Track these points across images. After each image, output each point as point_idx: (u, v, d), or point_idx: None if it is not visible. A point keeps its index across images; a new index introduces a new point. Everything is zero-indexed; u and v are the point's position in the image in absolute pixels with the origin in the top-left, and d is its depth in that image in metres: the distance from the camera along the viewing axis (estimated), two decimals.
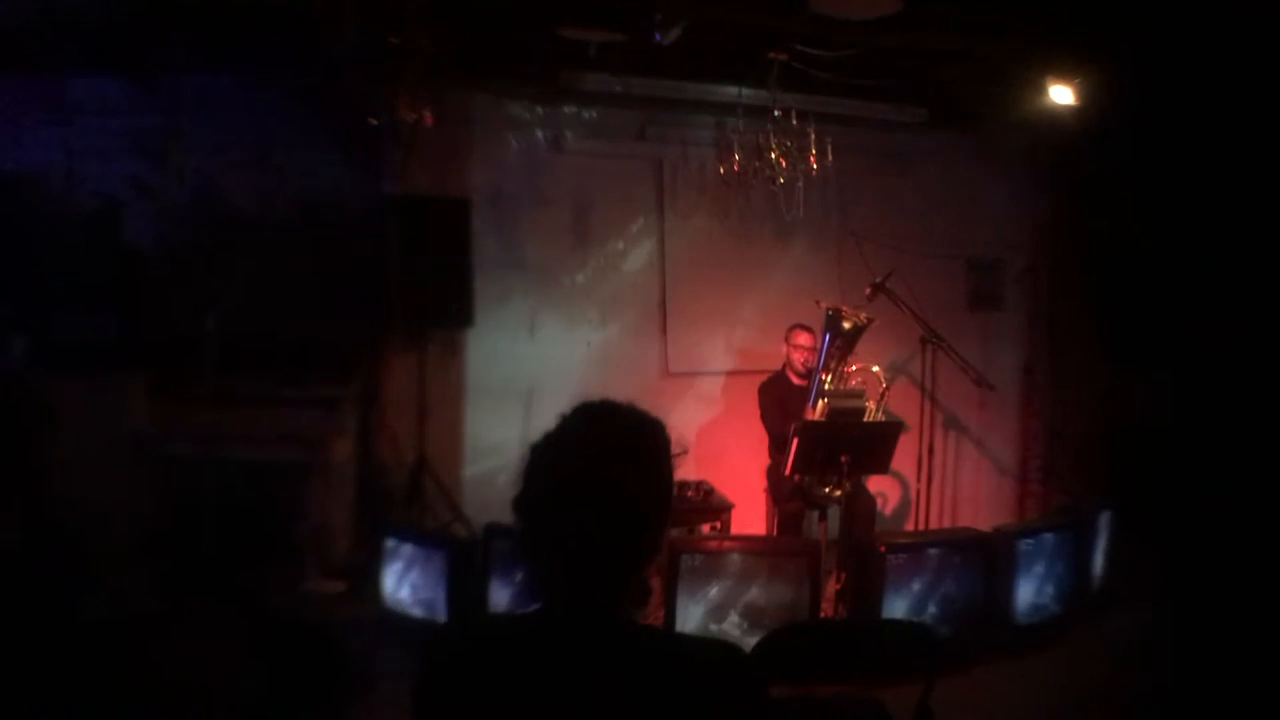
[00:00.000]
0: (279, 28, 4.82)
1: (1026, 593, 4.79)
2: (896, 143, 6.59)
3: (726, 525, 5.38)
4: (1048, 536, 4.92)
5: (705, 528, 5.38)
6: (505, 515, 1.51)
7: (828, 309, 5.52)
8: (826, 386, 5.43)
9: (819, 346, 5.54)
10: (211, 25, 4.95)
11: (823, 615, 4.69)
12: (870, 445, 5.10)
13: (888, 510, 6.45)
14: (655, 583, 4.54)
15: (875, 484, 5.79)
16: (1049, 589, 4.86)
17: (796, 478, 5.21)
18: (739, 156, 5.48)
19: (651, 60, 5.54)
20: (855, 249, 6.55)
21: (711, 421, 6.36)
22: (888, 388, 5.53)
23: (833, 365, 5.44)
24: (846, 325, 5.40)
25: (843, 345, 5.43)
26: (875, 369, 5.54)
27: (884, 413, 5.47)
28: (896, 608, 4.53)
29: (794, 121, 5.41)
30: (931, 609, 4.57)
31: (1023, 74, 5.38)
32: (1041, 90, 5.36)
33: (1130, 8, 4.51)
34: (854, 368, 5.50)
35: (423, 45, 4.90)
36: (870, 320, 5.45)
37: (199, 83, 5.72)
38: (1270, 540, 5.36)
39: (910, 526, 6.19)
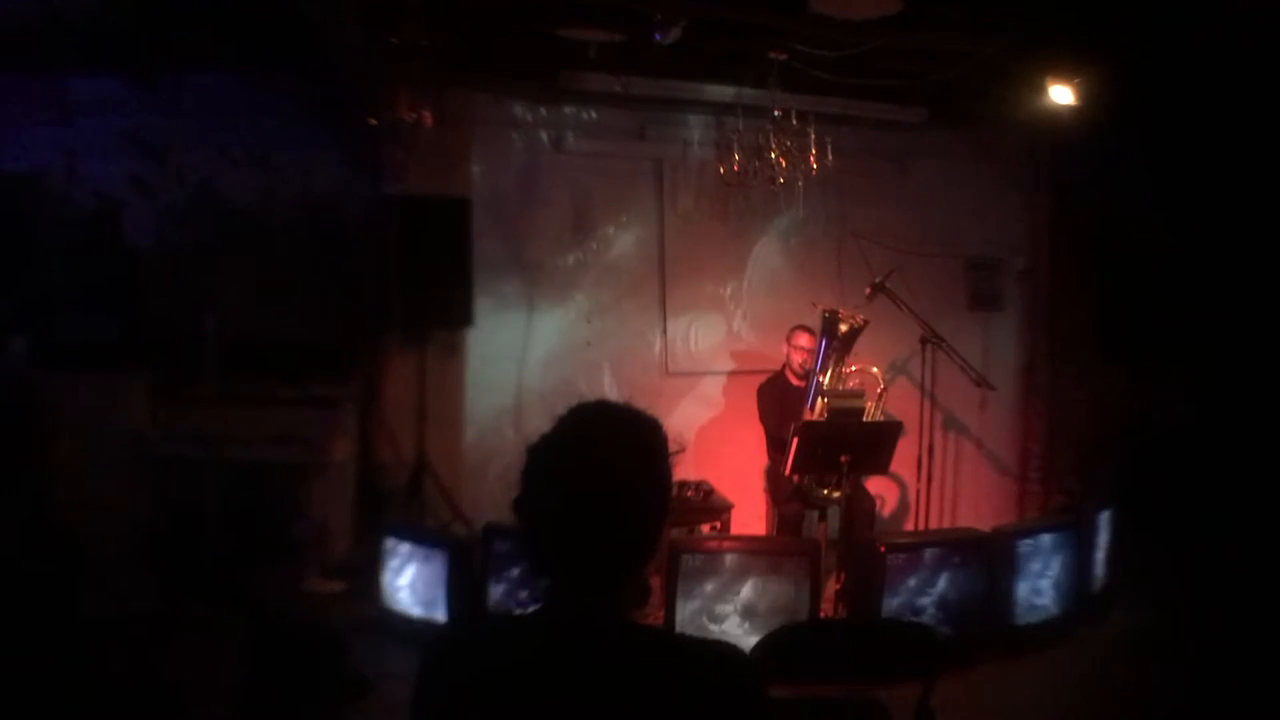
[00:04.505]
0: (279, 28, 4.82)
1: (1026, 593, 4.79)
2: (896, 143, 6.59)
3: (726, 525, 5.38)
4: (1048, 536, 4.92)
5: (705, 528, 5.38)
6: (505, 515, 1.52)
7: (824, 311, 5.51)
8: (825, 387, 5.43)
9: (818, 348, 5.53)
10: (211, 25, 4.95)
11: (823, 615, 4.69)
12: (870, 445, 5.10)
13: (888, 510, 6.45)
14: (655, 583, 4.54)
15: (875, 484, 5.78)
16: (1049, 589, 4.86)
17: (796, 478, 5.21)
18: (739, 156, 5.48)
19: (651, 60, 5.54)
20: (855, 249, 6.55)
21: (711, 421, 6.36)
22: (885, 388, 5.53)
23: (830, 367, 5.44)
24: (843, 328, 5.40)
25: (839, 347, 5.43)
26: (874, 370, 5.54)
27: (882, 413, 5.46)
28: (896, 608, 4.53)
29: (794, 121, 5.41)
30: (931, 609, 4.57)
31: (1023, 74, 5.38)
32: (1041, 90, 5.36)
33: (1130, 8, 4.51)
34: (853, 368, 5.50)
35: (423, 45, 4.90)
36: (866, 322, 5.44)
37: (199, 83, 5.72)
38: (1271, 539, 5.36)
39: (910, 527, 6.19)
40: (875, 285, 5.60)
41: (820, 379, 5.43)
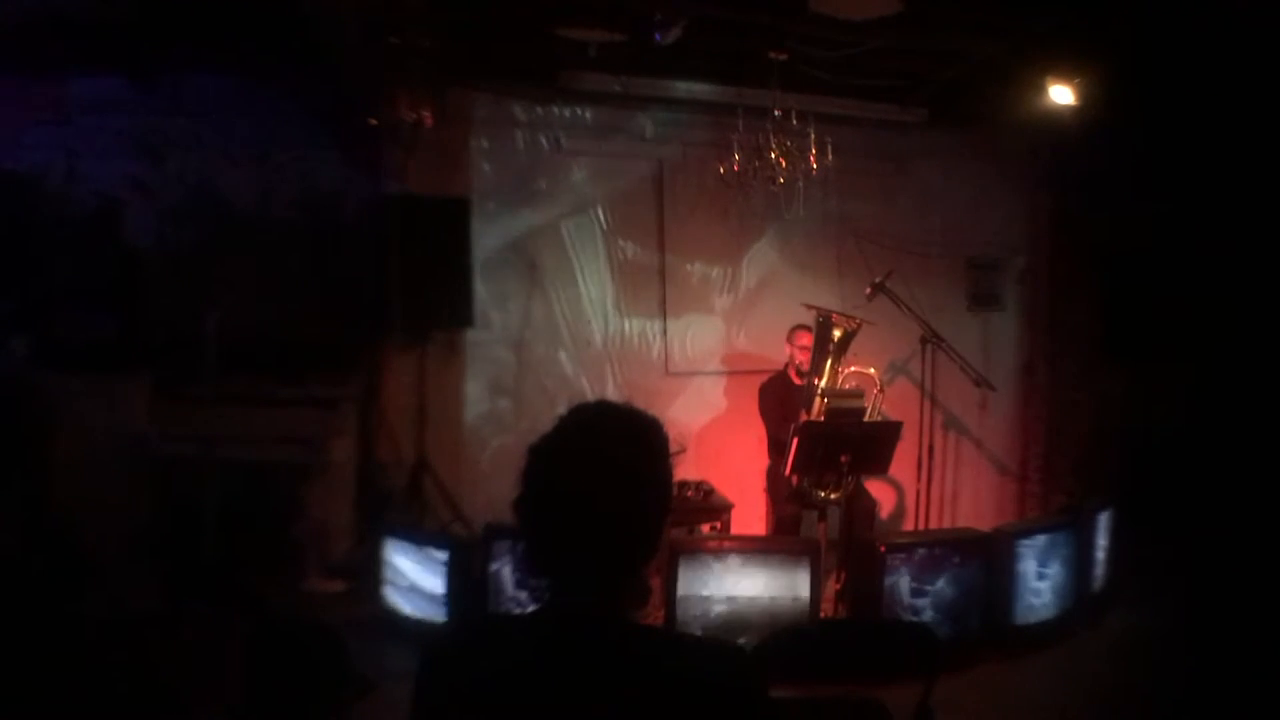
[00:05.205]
0: (279, 28, 4.82)
1: (1026, 593, 4.79)
2: (896, 143, 6.59)
3: (726, 525, 5.38)
4: (1048, 536, 4.92)
5: (705, 528, 5.38)
6: (505, 515, 1.51)
7: (818, 316, 5.49)
8: (822, 388, 5.39)
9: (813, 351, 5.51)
10: (211, 25, 4.95)
11: (823, 615, 4.69)
12: (870, 445, 5.10)
13: (888, 510, 6.44)
14: (655, 583, 4.54)
15: (875, 484, 5.78)
16: (1049, 589, 4.86)
17: (795, 479, 5.20)
18: (739, 156, 5.48)
19: (651, 60, 5.54)
20: (855, 249, 6.54)
21: (711, 421, 6.35)
22: (882, 390, 5.52)
23: (825, 369, 5.40)
24: (837, 333, 5.37)
25: (834, 351, 5.39)
26: (870, 371, 5.52)
27: (880, 415, 5.45)
28: (896, 608, 4.53)
29: (794, 121, 5.41)
30: (931, 609, 4.58)
31: (1023, 74, 5.38)
32: (1041, 90, 5.36)
33: (1130, 8, 4.51)
34: (851, 369, 5.48)
35: (423, 45, 4.90)
36: (859, 325, 5.39)
37: (199, 83, 5.72)
38: (1271, 539, 5.36)
39: (910, 527, 6.19)
40: (875, 285, 5.59)
41: (816, 381, 5.41)
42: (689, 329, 6.40)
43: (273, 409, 5.35)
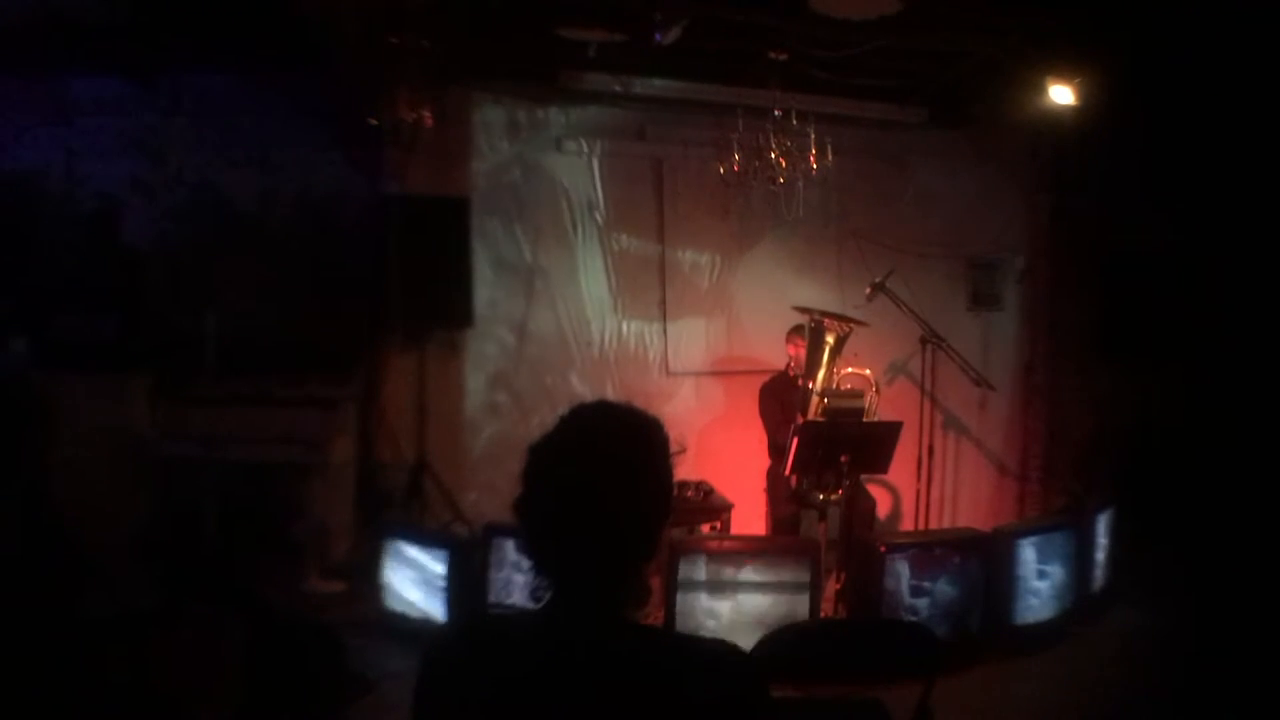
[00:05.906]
0: (279, 28, 4.82)
1: (1026, 593, 4.79)
2: (896, 143, 6.59)
3: (726, 525, 5.38)
4: (1048, 536, 4.92)
5: (705, 528, 5.38)
6: (505, 515, 1.52)
7: (810, 321, 5.47)
8: (818, 389, 5.38)
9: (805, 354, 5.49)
10: (211, 25, 4.95)
11: (823, 615, 4.69)
12: (870, 445, 5.10)
13: (887, 509, 6.44)
14: (655, 583, 4.54)
15: (874, 483, 5.78)
16: (1049, 589, 4.86)
17: (794, 480, 5.21)
18: (739, 156, 5.48)
19: (651, 60, 5.54)
20: (855, 249, 6.54)
21: (711, 421, 6.35)
22: (878, 391, 5.52)
23: (818, 372, 5.38)
24: (830, 338, 5.36)
25: (829, 353, 5.38)
26: (866, 372, 5.52)
27: (877, 417, 5.44)
28: (895, 608, 4.53)
29: (794, 121, 5.41)
30: (930, 609, 4.58)
31: (1023, 74, 5.38)
32: (1041, 90, 5.36)
33: (1130, 7, 4.52)
34: (848, 369, 5.48)
35: (423, 45, 4.90)
36: (851, 328, 5.37)
37: (199, 83, 5.73)
38: (1271, 538, 5.36)
39: (909, 527, 6.19)
40: (875, 285, 5.59)
41: (810, 384, 5.40)
42: (688, 329, 6.40)
43: (273, 409, 5.35)
